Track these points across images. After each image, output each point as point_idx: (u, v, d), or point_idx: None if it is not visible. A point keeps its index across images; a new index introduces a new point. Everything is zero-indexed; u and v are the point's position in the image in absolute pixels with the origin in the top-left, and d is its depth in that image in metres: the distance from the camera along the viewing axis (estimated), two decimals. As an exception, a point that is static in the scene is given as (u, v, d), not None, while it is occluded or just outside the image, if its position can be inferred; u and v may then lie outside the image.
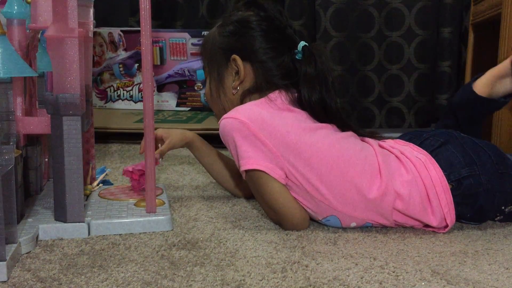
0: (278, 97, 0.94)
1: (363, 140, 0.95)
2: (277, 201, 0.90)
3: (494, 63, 1.32)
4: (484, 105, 1.07)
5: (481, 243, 0.86)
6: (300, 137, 0.89)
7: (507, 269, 0.75)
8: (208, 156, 1.11)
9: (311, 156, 0.88)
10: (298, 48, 0.96)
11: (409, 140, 0.98)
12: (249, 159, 0.88)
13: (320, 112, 0.93)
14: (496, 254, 0.81)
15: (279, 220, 0.92)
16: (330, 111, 0.93)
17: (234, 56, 0.98)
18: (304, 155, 0.88)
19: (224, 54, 0.99)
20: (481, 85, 1.07)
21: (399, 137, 1.02)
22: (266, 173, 0.88)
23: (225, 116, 0.91)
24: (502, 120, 1.29)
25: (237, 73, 0.98)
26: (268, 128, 0.88)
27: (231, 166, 1.11)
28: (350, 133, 0.95)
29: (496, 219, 0.96)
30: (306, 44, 0.96)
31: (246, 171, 0.90)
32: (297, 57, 0.96)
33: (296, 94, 0.95)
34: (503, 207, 0.93)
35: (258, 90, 0.97)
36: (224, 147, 0.95)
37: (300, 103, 0.94)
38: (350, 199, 0.88)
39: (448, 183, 0.89)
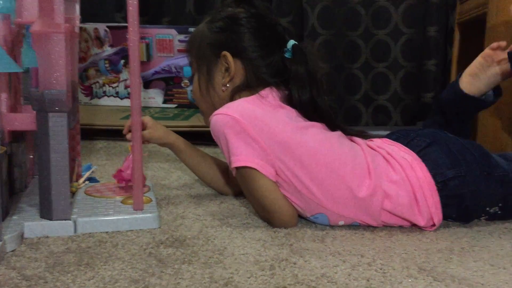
0: (269, 94, 0.94)
1: (351, 140, 0.96)
2: (267, 198, 0.90)
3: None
4: (471, 103, 1.07)
5: (466, 240, 0.87)
6: (291, 135, 0.89)
7: (492, 265, 0.76)
8: (193, 158, 1.10)
9: (302, 154, 0.88)
10: (288, 47, 0.96)
11: (396, 139, 0.98)
12: (240, 155, 0.88)
13: (310, 111, 0.93)
14: (482, 251, 0.82)
15: (268, 217, 0.92)
16: (320, 110, 0.93)
17: (225, 52, 0.97)
18: (295, 153, 0.88)
19: (213, 50, 0.99)
20: (466, 84, 1.07)
21: (387, 136, 1.02)
22: (256, 170, 0.88)
23: (216, 112, 0.90)
24: (487, 119, 1.30)
25: (227, 69, 0.98)
26: (260, 125, 0.88)
27: (218, 165, 1.11)
28: (339, 132, 0.95)
29: (481, 219, 0.97)
30: (296, 43, 0.96)
31: (237, 168, 0.90)
32: (286, 55, 0.96)
33: (286, 92, 0.95)
34: (487, 208, 0.94)
35: (248, 87, 0.97)
36: (213, 144, 0.95)
37: (290, 102, 0.94)
38: (340, 197, 0.89)
39: (434, 184, 0.90)
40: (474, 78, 1.05)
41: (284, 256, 0.78)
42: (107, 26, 2.02)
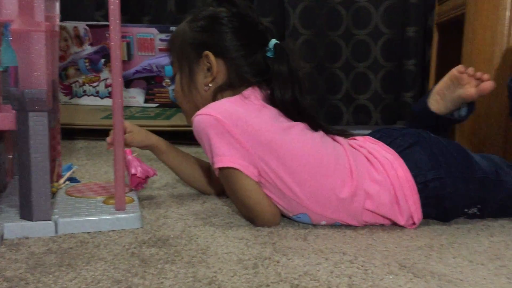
0: (252, 94, 0.94)
1: (333, 139, 0.96)
2: (250, 198, 0.90)
3: (457, 62, 1.36)
4: (440, 120, 1.06)
5: (445, 237, 0.89)
6: (274, 135, 0.89)
7: (470, 262, 0.78)
8: (174, 159, 1.09)
9: (285, 154, 0.89)
10: (269, 46, 0.96)
11: (379, 138, 0.98)
12: (223, 156, 0.88)
13: (293, 111, 0.94)
14: (460, 247, 0.84)
15: (251, 216, 0.92)
16: (302, 110, 0.94)
17: (207, 52, 0.97)
18: (277, 153, 0.88)
19: (195, 49, 0.98)
20: (434, 102, 1.05)
21: (370, 134, 1.02)
22: (239, 170, 0.88)
23: (199, 112, 0.90)
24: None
25: (209, 69, 0.98)
26: (243, 126, 0.88)
27: (200, 165, 1.11)
28: (321, 132, 0.95)
29: (460, 218, 0.98)
30: (278, 42, 0.96)
31: (220, 168, 0.90)
32: (268, 54, 0.96)
33: (268, 92, 0.95)
34: (466, 210, 0.95)
35: (231, 86, 0.97)
36: (195, 143, 0.94)
37: (272, 101, 0.94)
38: (322, 198, 0.89)
39: (415, 184, 0.91)
40: (441, 97, 1.04)
41: (267, 254, 0.78)
42: (87, 25, 2.00)
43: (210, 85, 0.98)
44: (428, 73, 1.87)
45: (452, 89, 1.03)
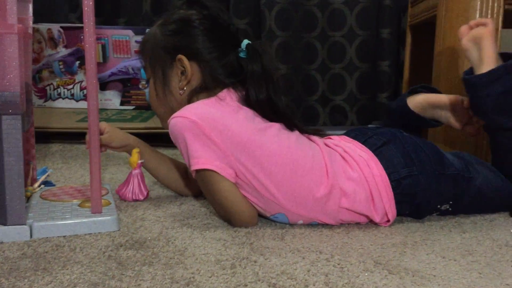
0: (227, 96, 0.94)
1: (309, 139, 0.97)
2: (227, 200, 0.90)
3: (430, 62, 1.39)
4: (416, 120, 1.10)
5: (419, 234, 0.90)
6: (250, 136, 0.90)
7: (443, 258, 0.80)
8: (152, 160, 1.09)
9: (261, 155, 0.89)
10: (242, 46, 0.96)
11: (355, 137, 1.00)
12: (200, 158, 0.88)
13: (268, 111, 0.94)
14: (433, 244, 0.86)
15: (228, 217, 0.93)
16: (277, 110, 0.95)
17: (180, 56, 0.96)
18: (254, 154, 0.89)
19: (168, 53, 0.98)
20: (414, 103, 1.09)
21: (345, 133, 1.04)
22: (216, 172, 0.88)
23: (175, 115, 0.90)
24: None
25: (183, 72, 0.97)
26: (219, 127, 0.88)
27: (177, 167, 1.10)
28: (297, 132, 0.96)
29: (433, 214, 1.00)
30: (250, 42, 0.97)
31: (197, 170, 0.90)
32: (241, 55, 0.96)
33: (243, 92, 0.96)
34: (438, 206, 0.97)
35: (206, 89, 0.97)
36: (171, 145, 0.94)
37: (247, 102, 0.94)
38: (298, 197, 0.90)
39: (389, 181, 0.93)
40: (431, 107, 1.09)
41: (245, 254, 0.78)
42: (61, 27, 1.98)
43: (185, 88, 0.98)
44: (402, 74, 1.90)
45: (443, 108, 1.09)
